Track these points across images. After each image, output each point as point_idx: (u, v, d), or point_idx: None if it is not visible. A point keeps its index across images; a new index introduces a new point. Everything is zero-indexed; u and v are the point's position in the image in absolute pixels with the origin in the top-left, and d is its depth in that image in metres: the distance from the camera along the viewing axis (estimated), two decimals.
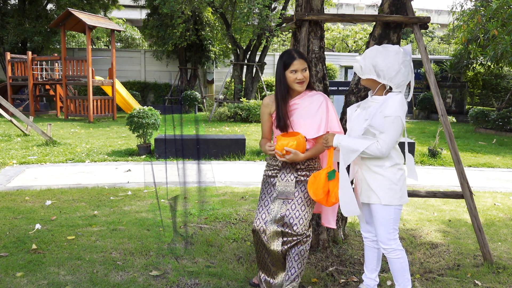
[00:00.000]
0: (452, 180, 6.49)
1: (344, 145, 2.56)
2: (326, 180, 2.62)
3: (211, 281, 3.05)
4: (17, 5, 17.25)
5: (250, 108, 13.56)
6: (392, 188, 2.59)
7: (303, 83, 2.73)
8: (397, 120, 2.49)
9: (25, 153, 7.87)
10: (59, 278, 3.04)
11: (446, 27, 22.51)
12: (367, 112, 2.60)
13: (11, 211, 4.52)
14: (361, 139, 2.55)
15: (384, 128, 2.49)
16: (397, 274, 2.71)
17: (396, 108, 2.49)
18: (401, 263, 2.68)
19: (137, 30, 24.58)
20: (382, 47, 2.60)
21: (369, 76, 2.57)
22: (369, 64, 2.55)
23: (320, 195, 2.62)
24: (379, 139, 2.51)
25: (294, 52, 2.73)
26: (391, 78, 2.53)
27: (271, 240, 2.69)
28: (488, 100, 18.89)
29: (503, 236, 4.15)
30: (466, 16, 10.50)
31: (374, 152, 2.51)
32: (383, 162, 2.58)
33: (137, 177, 6.37)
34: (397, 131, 2.51)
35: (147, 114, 7.80)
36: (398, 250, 2.66)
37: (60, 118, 14.44)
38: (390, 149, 2.53)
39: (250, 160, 7.75)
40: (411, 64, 2.60)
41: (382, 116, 2.50)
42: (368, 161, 2.62)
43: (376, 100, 2.61)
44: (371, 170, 2.61)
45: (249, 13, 12.85)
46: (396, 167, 2.60)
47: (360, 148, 2.51)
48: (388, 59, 2.52)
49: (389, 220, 2.63)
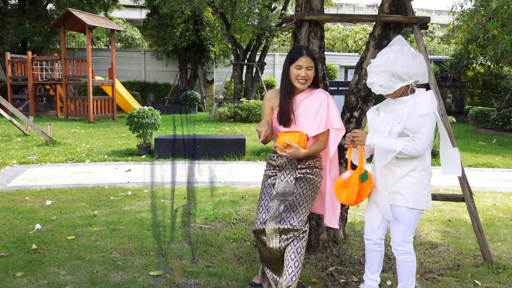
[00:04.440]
0: (452, 180, 6.49)
1: (380, 145, 2.48)
2: (359, 182, 2.58)
3: (211, 281, 3.05)
4: (17, 5, 17.25)
5: (250, 108, 13.56)
6: (420, 192, 2.53)
7: (305, 81, 2.71)
8: (432, 117, 2.43)
9: (25, 153, 7.87)
10: (59, 278, 3.04)
11: (446, 27, 22.51)
12: (396, 114, 2.52)
13: (11, 211, 4.52)
14: (395, 139, 2.47)
15: (420, 127, 2.41)
16: (403, 275, 2.68)
17: (430, 106, 2.43)
18: (409, 266, 2.65)
19: (137, 30, 24.59)
20: (384, 56, 2.50)
21: (398, 86, 2.46)
22: (388, 77, 2.45)
23: (353, 199, 2.59)
24: (415, 138, 2.42)
25: (304, 49, 2.71)
26: (415, 74, 2.46)
27: (269, 238, 2.69)
28: (488, 100, 18.89)
29: (503, 236, 4.15)
30: (466, 16, 10.51)
31: (411, 152, 2.43)
32: (417, 164, 2.50)
33: (137, 177, 6.37)
34: (432, 129, 2.44)
35: (147, 114, 7.80)
36: (410, 253, 2.62)
37: (60, 118, 14.44)
38: (426, 148, 2.46)
39: (250, 160, 7.75)
40: (413, 50, 2.54)
41: (416, 116, 2.42)
42: (400, 161, 2.52)
43: (402, 101, 2.53)
44: (402, 172, 2.52)
45: (249, 13, 12.85)
46: (427, 170, 2.55)
47: (398, 148, 2.42)
48: (401, 60, 2.44)
49: (409, 223, 2.57)
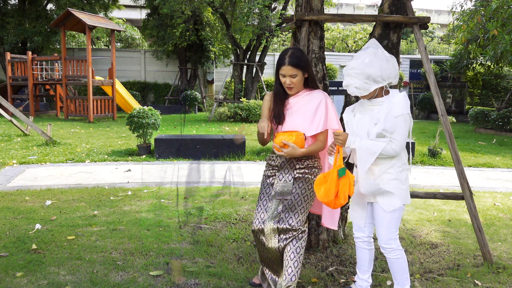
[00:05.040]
0: (452, 180, 6.49)
1: (360, 147, 2.55)
2: (337, 178, 2.58)
3: (211, 281, 3.05)
4: (17, 5, 17.25)
5: (250, 108, 13.56)
6: (399, 187, 2.60)
7: (291, 88, 2.74)
8: (406, 118, 2.53)
9: (25, 153, 7.87)
10: (59, 278, 3.04)
11: (446, 27, 22.51)
12: (372, 115, 2.59)
13: (11, 211, 4.52)
14: (374, 141, 2.55)
15: (396, 128, 2.51)
16: (396, 273, 2.72)
17: (404, 106, 2.53)
18: (400, 263, 2.69)
19: (137, 30, 24.58)
20: (359, 59, 2.56)
21: (373, 88, 2.53)
22: (363, 79, 2.52)
23: (331, 196, 2.58)
24: (392, 138, 2.52)
25: (288, 57, 2.68)
26: (389, 76, 2.54)
27: (268, 238, 2.69)
28: (488, 100, 18.89)
29: (503, 236, 4.15)
30: (466, 16, 10.52)
31: (389, 153, 2.53)
32: (395, 161, 2.59)
33: (137, 177, 6.37)
34: (407, 129, 2.55)
35: (147, 114, 7.80)
36: (398, 250, 2.67)
37: (60, 118, 14.44)
38: (403, 148, 2.56)
39: (250, 160, 7.76)
40: (386, 52, 2.61)
41: (392, 117, 2.51)
42: (378, 160, 2.59)
43: (377, 102, 2.60)
44: (381, 170, 2.60)
45: (249, 13, 12.85)
46: (404, 167, 2.63)
47: (377, 150, 2.51)
48: (375, 63, 2.51)
49: (392, 220, 2.63)
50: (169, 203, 4.97)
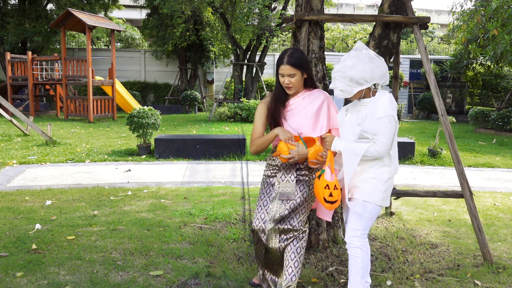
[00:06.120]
0: (452, 180, 6.49)
1: (345, 149, 2.55)
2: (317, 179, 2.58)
3: (211, 281, 3.05)
4: (17, 5, 17.25)
5: (250, 108, 13.56)
6: (377, 187, 2.57)
7: (290, 88, 2.73)
8: (391, 119, 2.50)
9: (25, 153, 7.87)
10: (59, 278, 3.05)
11: (446, 27, 22.52)
12: (358, 116, 2.59)
13: (11, 211, 4.52)
14: (358, 143, 2.55)
15: (379, 129, 2.49)
16: (350, 272, 2.66)
17: (387, 108, 2.50)
18: (357, 263, 2.62)
19: (137, 30, 24.57)
20: (342, 62, 2.57)
21: (356, 91, 2.53)
22: (346, 82, 2.53)
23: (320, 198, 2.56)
24: (375, 140, 2.50)
25: (286, 56, 2.69)
26: (372, 78, 2.52)
27: (269, 238, 2.69)
28: (488, 100, 18.89)
29: (503, 236, 4.15)
30: (466, 16, 10.52)
31: (373, 154, 2.51)
32: (376, 162, 2.57)
33: (137, 177, 6.37)
34: (392, 131, 2.52)
35: (147, 114, 7.80)
36: (359, 249, 2.60)
37: (60, 118, 14.44)
38: (388, 150, 2.53)
39: (250, 160, 7.76)
40: (372, 54, 2.59)
41: (374, 119, 2.50)
42: (361, 161, 2.58)
43: (365, 102, 2.60)
44: (362, 169, 2.59)
45: (249, 13, 12.85)
46: (385, 169, 2.59)
47: (360, 152, 2.50)
48: (357, 65, 2.50)
49: (362, 216, 2.59)
50: (169, 203, 4.97)
